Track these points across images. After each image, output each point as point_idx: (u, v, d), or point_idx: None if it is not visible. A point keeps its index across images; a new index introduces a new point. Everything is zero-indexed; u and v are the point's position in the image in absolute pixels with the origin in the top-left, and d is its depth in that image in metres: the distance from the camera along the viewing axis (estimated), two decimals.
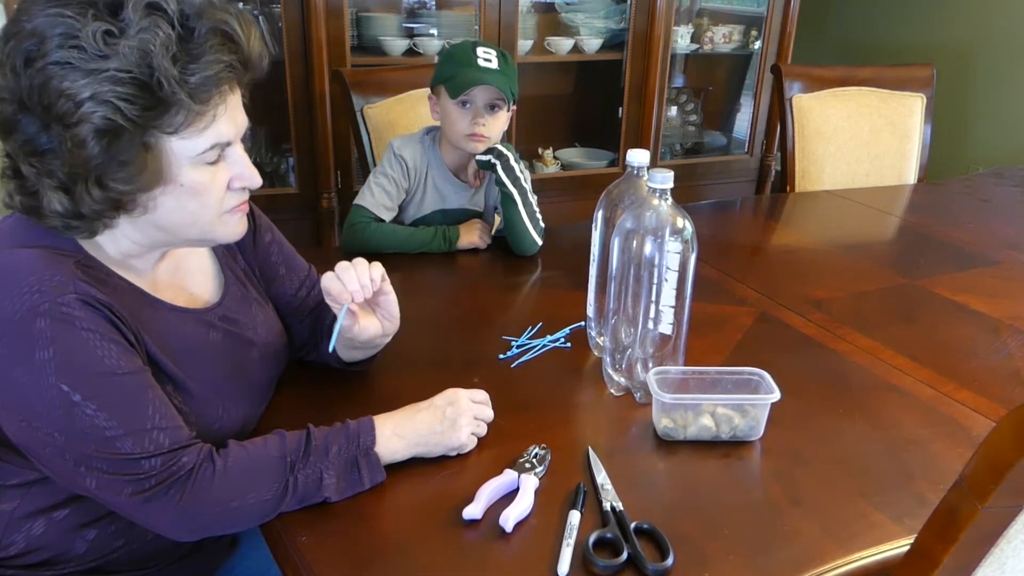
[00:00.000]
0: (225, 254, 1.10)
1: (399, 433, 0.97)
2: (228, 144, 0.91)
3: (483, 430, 1.03)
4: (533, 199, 1.64)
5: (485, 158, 1.60)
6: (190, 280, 1.04)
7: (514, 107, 1.66)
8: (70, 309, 0.83)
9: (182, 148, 0.87)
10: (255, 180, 0.95)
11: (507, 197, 1.61)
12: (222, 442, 0.92)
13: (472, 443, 1.01)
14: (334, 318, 1.05)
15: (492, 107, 1.59)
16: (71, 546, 0.95)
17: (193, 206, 0.91)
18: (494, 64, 1.57)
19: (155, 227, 0.93)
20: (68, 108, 0.81)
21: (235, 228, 0.98)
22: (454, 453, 1.00)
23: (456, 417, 0.99)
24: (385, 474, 0.95)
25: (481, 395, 1.06)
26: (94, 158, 0.83)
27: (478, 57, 1.56)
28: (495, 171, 1.59)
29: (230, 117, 0.90)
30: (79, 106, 0.81)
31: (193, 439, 0.89)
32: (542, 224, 1.66)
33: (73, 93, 0.80)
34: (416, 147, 1.65)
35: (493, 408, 1.06)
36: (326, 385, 1.18)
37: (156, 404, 0.87)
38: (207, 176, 0.90)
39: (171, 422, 0.87)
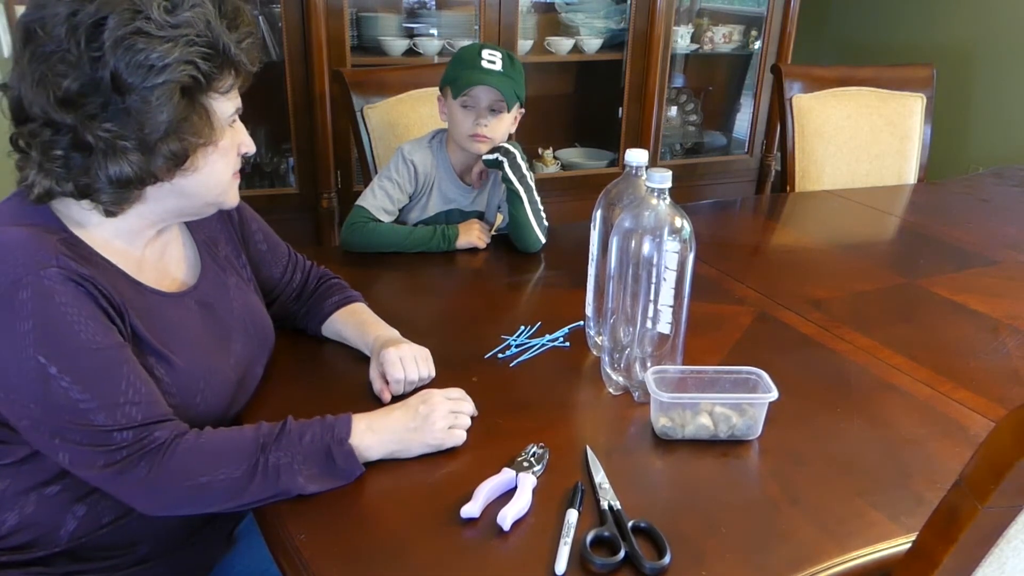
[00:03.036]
0: (206, 242, 1.14)
1: (373, 428, 0.98)
2: (240, 111, 1.02)
3: (465, 422, 1.03)
4: (537, 197, 1.65)
5: (492, 156, 1.61)
6: (172, 264, 1.08)
7: (522, 110, 1.66)
8: (52, 283, 0.86)
9: (222, 110, 0.98)
10: (253, 146, 1.06)
11: (513, 194, 1.62)
12: (206, 421, 0.95)
13: (452, 439, 1.01)
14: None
15: (494, 109, 1.59)
16: (62, 521, 0.96)
17: (221, 166, 1.01)
18: (498, 66, 1.58)
19: (182, 194, 1.00)
20: (154, 70, 0.89)
21: (236, 192, 1.07)
22: (432, 450, 1.00)
23: (429, 413, 1.00)
24: (362, 467, 0.96)
25: (457, 392, 1.07)
26: (178, 114, 0.92)
27: (482, 59, 1.58)
28: (502, 168, 1.61)
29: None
30: (165, 68, 0.89)
31: (169, 416, 0.92)
32: (546, 222, 1.67)
33: (158, 56, 0.89)
34: (425, 152, 1.66)
35: (492, 407, 1.07)
36: (322, 383, 1.19)
37: (131, 379, 0.89)
38: (230, 139, 1.01)
39: (146, 398, 0.90)
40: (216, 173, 1.01)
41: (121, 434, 0.87)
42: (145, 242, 1.02)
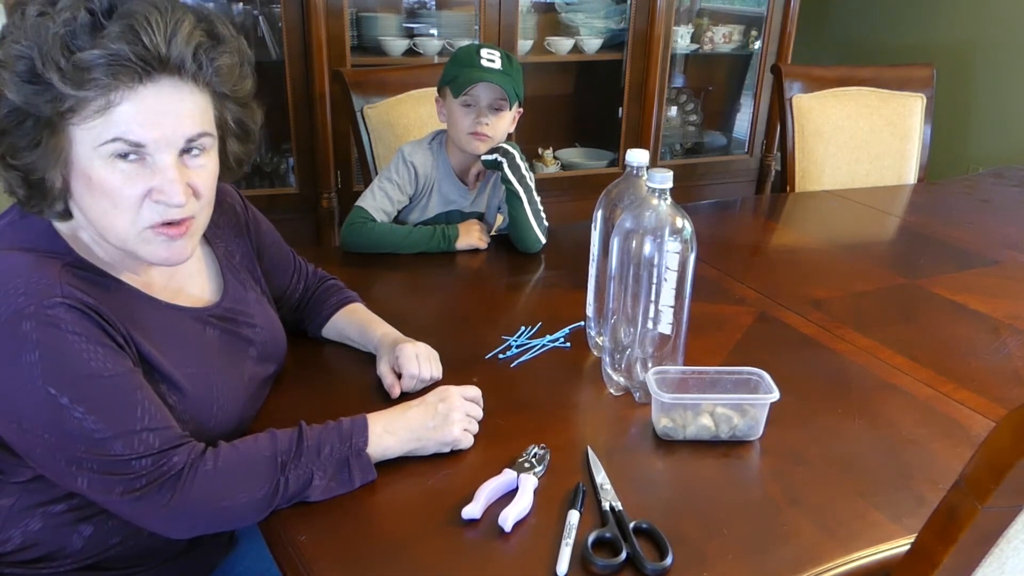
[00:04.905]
0: (225, 254, 1.11)
1: (390, 430, 0.97)
2: (140, 146, 0.86)
3: (475, 427, 1.03)
4: (537, 198, 1.65)
5: (491, 157, 1.61)
6: (189, 282, 1.05)
7: (521, 110, 1.66)
8: (55, 312, 0.83)
9: (84, 137, 0.86)
10: (172, 196, 0.88)
11: (513, 195, 1.62)
12: (217, 441, 0.93)
13: (466, 440, 1.01)
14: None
15: (495, 107, 1.60)
16: (67, 541, 0.95)
17: (104, 205, 0.88)
18: (497, 65, 1.58)
19: (90, 223, 0.91)
20: None
21: (157, 250, 0.92)
22: (447, 449, 1.00)
23: (448, 412, 0.99)
24: (376, 473, 0.95)
25: (473, 391, 1.06)
26: (1, 124, 0.85)
27: (482, 58, 1.59)
28: (501, 169, 1.61)
29: (145, 117, 0.86)
30: None
31: (184, 438, 0.89)
32: (546, 223, 1.67)
33: None
34: (425, 153, 1.67)
35: (493, 407, 1.07)
36: (324, 384, 1.19)
37: (145, 405, 0.87)
38: (117, 176, 0.87)
39: (161, 423, 0.87)
40: (101, 212, 0.89)
41: (140, 462, 0.85)
42: (143, 265, 0.98)
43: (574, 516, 0.89)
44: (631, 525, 0.88)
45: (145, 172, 0.88)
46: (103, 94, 0.84)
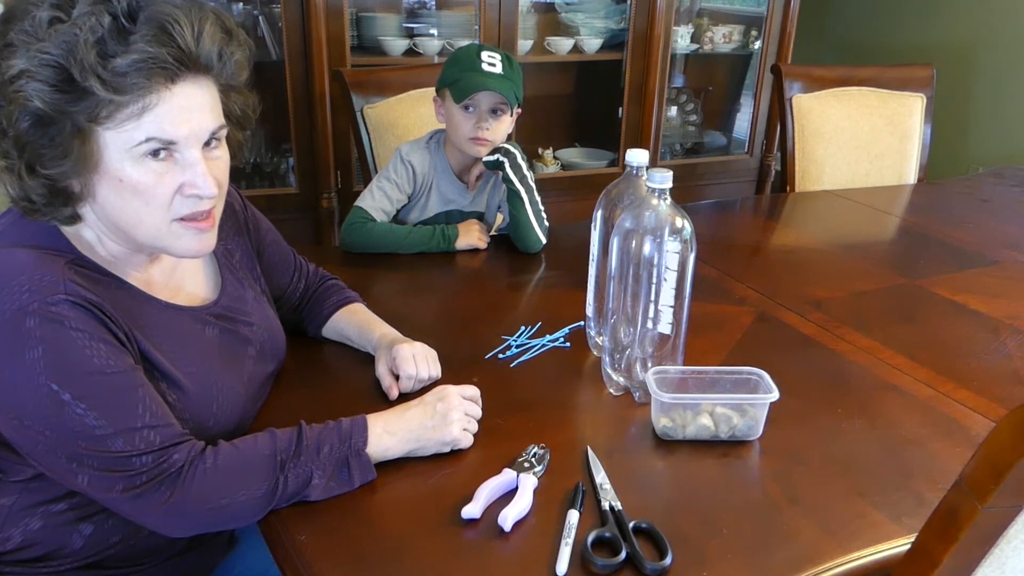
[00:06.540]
0: (224, 253, 1.11)
1: (390, 430, 0.97)
2: (172, 143, 0.88)
3: (474, 427, 1.03)
4: (538, 197, 1.65)
5: (493, 157, 1.61)
6: (188, 280, 1.05)
7: (519, 110, 1.66)
8: (59, 308, 0.84)
9: (116, 140, 0.86)
10: (205, 188, 0.90)
11: (514, 194, 1.62)
12: (217, 440, 0.93)
13: (465, 439, 1.01)
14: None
15: (496, 111, 1.60)
16: (68, 541, 0.95)
17: (135, 205, 0.89)
18: (498, 68, 1.58)
19: (112, 225, 0.92)
20: (5, 87, 0.83)
21: (189, 243, 0.94)
22: (447, 449, 1.00)
23: (447, 411, 1.00)
24: (376, 473, 0.95)
25: (471, 390, 1.07)
26: (22, 136, 0.84)
27: (483, 62, 1.57)
28: (503, 169, 1.61)
29: (175, 115, 0.87)
30: (10, 84, 0.82)
31: (185, 436, 0.90)
32: (546, 222, 1.67)
33: (7, 71, 0.82)
34: (423, 153, 1.66)
35: (492, 407, 1.06)
36: (324, 384, 1.19)
37: (147, 402, 0.87)
38: (150, 176, 0.88)
39: (162, 420, 0.88)
40: (131, 211, 0.90)
41: (140, 459, 0.85)
42: (144, 263, 0.99)
43: (574, 516, 0.89)
44: (631, 525, 0.88)
45: (175, 168, 0.89)
46: (140, 97, 0.85)
